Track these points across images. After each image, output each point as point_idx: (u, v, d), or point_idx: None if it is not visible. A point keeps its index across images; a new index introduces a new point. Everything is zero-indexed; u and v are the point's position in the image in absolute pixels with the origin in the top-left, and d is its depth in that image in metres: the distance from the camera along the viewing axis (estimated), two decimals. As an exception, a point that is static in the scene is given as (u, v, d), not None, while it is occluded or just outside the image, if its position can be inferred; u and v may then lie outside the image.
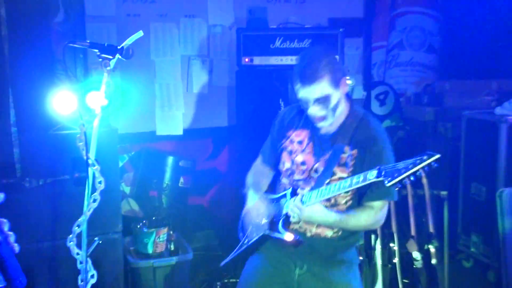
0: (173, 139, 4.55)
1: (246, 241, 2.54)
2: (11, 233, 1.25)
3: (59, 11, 4.04)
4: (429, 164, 1.93)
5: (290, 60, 3.77)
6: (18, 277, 1.22)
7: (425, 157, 1.94)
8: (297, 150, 2.46)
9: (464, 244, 4.25)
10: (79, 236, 2.04)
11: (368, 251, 3.62)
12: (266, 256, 2.49)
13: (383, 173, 2.01)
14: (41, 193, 3.19)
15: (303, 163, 2.43)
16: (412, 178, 1.95)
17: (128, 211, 4.18)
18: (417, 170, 1.93)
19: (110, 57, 1.92)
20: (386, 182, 1.98)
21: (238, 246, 2.57)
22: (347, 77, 3.77)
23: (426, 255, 3.52)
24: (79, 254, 1.97)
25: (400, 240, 3.60)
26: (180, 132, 4.55)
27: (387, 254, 3.59)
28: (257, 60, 3.87)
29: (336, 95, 2.28)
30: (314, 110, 2.28)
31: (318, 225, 2.38)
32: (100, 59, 1.93)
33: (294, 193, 2.39)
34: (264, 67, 3.86)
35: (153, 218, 3.80)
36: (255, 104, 3.92)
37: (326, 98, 2.26)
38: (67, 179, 3.23)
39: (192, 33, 4.52)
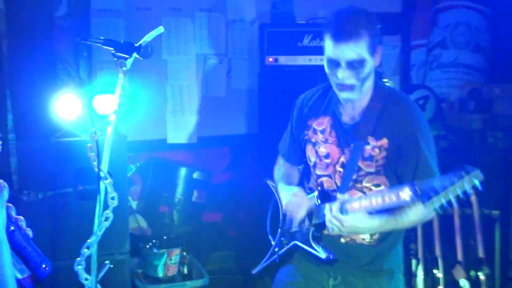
0: (186, 148, 4.54)
1: (276, 249, 2.54)
2: (20, 217, 1.29)
3: (61, 4, 4.07)
4: (470, 181, 1.87)
5: (320, 60, 3.68)
6: (41, 263, 1.25)
7: (463, 173, 1.87)
8: (321, 141, 2.41)
9: (517, 271, 4.18)
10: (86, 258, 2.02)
11: (408, 278, 3.57)
12: (297, 267, 2.47)
13: (418, 192, 1.96)
14: (41, 207, 3.19)
15: (326, 156, 2.39)
16: (451, 199, 1.88)
17: (135, 229, 4.17)
18: (458, 189, 1.86)
19: (127, 56, 1.91)
20: (423, 204, 1.94)
21: (269, 254, 2.58)
22: (385, 80, 3.79)
23: (474, 284, 3.47)
24: (88, 280, 1.95)
25: (445, 266, 3.55)
26: (194, 140, 4.54)
27: (430, 282, 3.55)
28: (283, 60, 3.86)
29: (370, 64, 2.21)
30: (344, 75, 2.19)
31: None
32: (115, 58, 1.91)
33: (323, 196, 2.35)
34: (290, 68, 3.86)
35: (164, 237, 3.79)
36: (279, 109, 3.88)
37: (360, 63, 2.17)
38: (70, 192, 3.24)
39: (209, 29, 4.52)
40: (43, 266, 1.26)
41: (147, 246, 3.70)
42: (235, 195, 4.74)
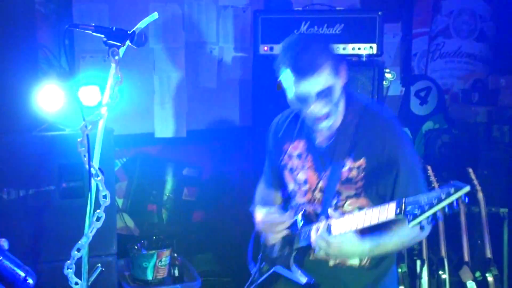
0: (175, 143, 4.51)
1: (255, 277, 2.50)
2: None
3: (41, -12, 4.02)
4: (458, 199, 1.82)
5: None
6: (20, 277, 1.16)
7: (452, 190, 1.82)
8: (298, 167, 2.39)
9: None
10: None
11: (412, 280, 3.58)
12: None
13: (403, 209, 1.91)
14: (22, 206, 3.15)
15: (305, 182, 2.37)
16: (438, 215, 1.84)
17: (122, 229, 4.15)
18: (444, 206, 1.82)
19: (119, 44, 1.87)
20: (408, 222, 1.88)
21: (249, 282, 2.53)
22: (387, 70, 3.78)
23: (482, 285, 3.48)
24: (78, 284, 1.92)
25: (451, 267, 3.56)
26: (183, 134, 4.51)
27: (436, 284, 3.56)
28: (278, 49, 3.81)
29: (339, 85, 2.20)
30: (318, 108, 2.18)
31: None
32: (107, 47, 1.87)
33: (306, 219, 2.31)
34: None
35: (153, 237, 3.76)
36: (274, 101, 3.84)
37: (329, 90, 2.16)
38: (53, 190, 3.20)
39: (199, 15, 4.49)
40: (26, 279, 1.18)
41: (135, 247, 3.68)
42: (228, 192, 4.71)
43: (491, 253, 3.55)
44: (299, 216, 2.33)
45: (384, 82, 3.76)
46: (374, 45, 3.71)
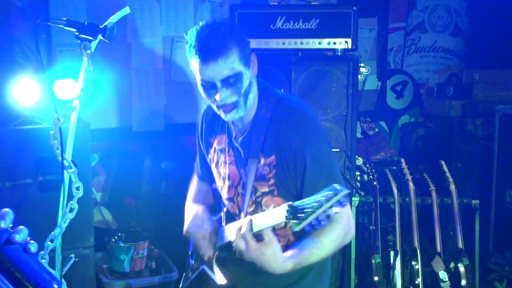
0: (153, 136, 4.52)
1: (189, 274, 2.49)
2: (22, 227, 1.01)
3: (17, -18, 4.01)
4: (338, 201, 1.78)
5: (293, 43, 3.76)
6: (44, 282, 0.96)
7: (331, 193, 1.77)
8: (222, 161, 2.33)
9: (497, 262, 4.28)
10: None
11: (386, 270, 3.62)
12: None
13: (291, 214, 1.84)
14: (-2, 199, 3.15)
15: (228, 177, 2.30)
16: (319, 218, 1.79)
17: (100, 222, 4.15)
18: (325, 210, 1.78)
19: (91, 38, 1.89)
20: (295, 226, 1.84)
21: (182, 281, 2.54)
22: (362, 65, 3.82)
23: (454, 275, 3.53)
24: (52, 274, 1.94)
25: (424, 258, 3.61)
26: (161, 127, 4.52)
27: (409, 274, 3.60)
28: (254, 43, 3.84)
29: (248, 75, 2.10)
30: (223, 95, 2.08)
31: None
32: (79, 41, 1.90)
33: (228, 218, 2.24)
34: (262, 52, 3.85)
35: (131, 230, 3.78)
36: (251, 95, 3.91)
37: (237, 78, 2.06)
38: (30, 183, 3.20)
39: (176, 10, 4.49)
40: (52, 285, 0.96)
41: (113, 240, 3.69)
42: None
43: (462, 243, 3.60)
44: (222, 214, 2.29)
45: (359, 77, 3.79)
46: (349, 40, 3.74)
